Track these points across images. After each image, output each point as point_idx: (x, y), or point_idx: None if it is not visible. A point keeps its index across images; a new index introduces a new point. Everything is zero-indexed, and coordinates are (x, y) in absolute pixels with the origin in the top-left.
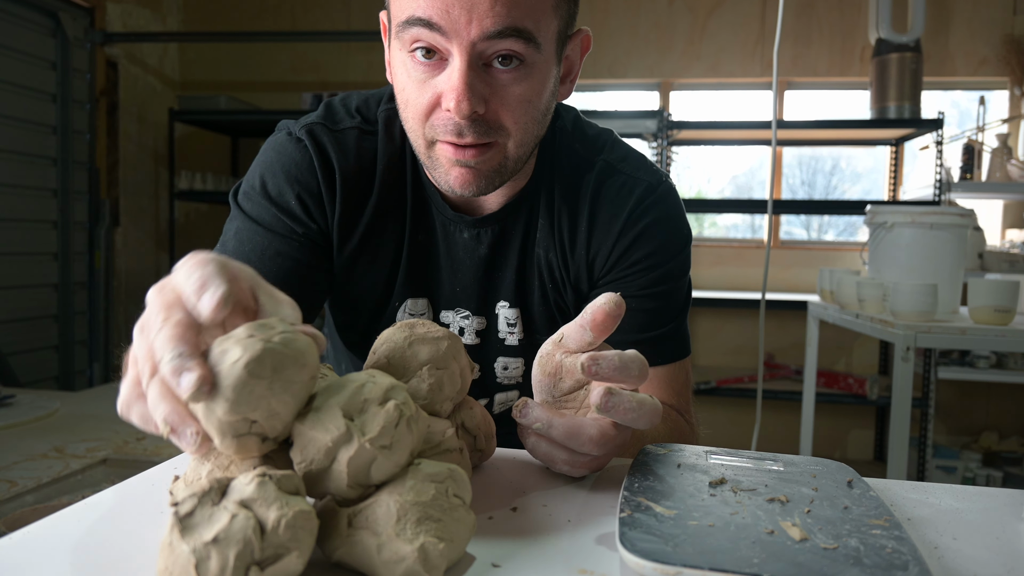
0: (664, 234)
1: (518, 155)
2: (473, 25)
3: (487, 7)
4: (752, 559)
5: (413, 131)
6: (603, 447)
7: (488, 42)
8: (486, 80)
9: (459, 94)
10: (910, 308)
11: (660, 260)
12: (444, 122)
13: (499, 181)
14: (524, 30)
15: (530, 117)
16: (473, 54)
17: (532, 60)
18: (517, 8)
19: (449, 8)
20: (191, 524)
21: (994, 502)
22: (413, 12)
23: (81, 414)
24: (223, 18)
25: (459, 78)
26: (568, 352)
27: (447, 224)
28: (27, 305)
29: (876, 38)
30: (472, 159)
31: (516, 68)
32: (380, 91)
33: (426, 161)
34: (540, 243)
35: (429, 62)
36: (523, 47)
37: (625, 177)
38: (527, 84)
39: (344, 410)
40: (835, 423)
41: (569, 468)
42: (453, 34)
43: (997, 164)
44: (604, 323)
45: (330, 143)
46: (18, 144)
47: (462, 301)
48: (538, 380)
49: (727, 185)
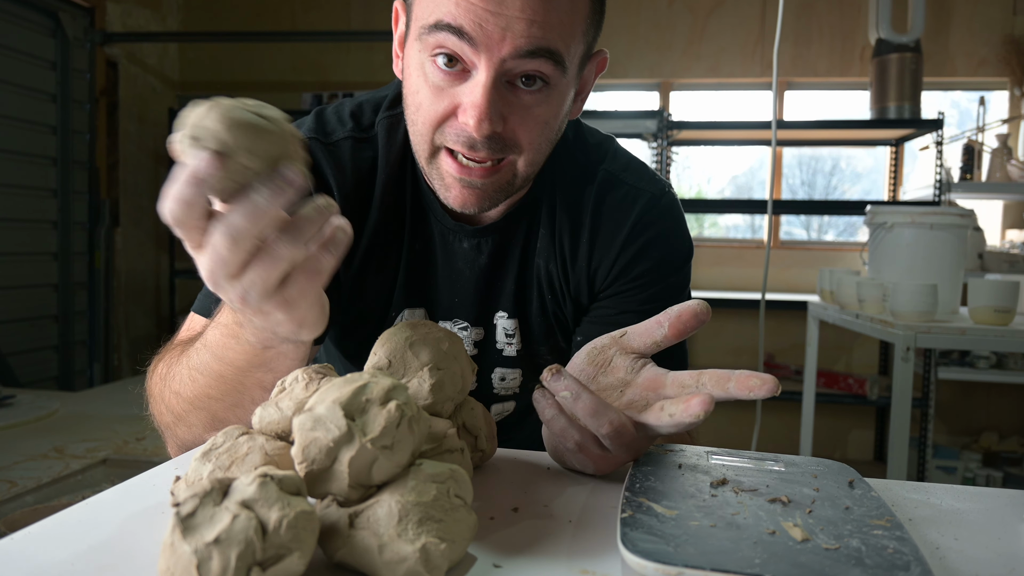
0: (666, 249)
1: (527, 173)
2: (506, 42)
3: (524, 26)
4: (754, 559)
5: (420, 135)
6: (616, 438)
7: (517, 61)
8: (507, 99)
9: (481, 112)
10: (910, 308)
11: (661, 275)
12: (457, 133)
13: (502, 199)
14: (555, 52)
15: (545, 138)
16: (500, 71)
17: (556, 82)
18: (552, 30)
19: (484, 21)
20: (193, 524)
21: (995, 503)
22: (442, 17)
23: (81, 414)
24: (223, 18)
25: (483, 95)
26: (625, 350)
27: (446, 234)
28: (27, 305)
29: (876, 38)
30: (478, 179)
31: (539, 89)
32: (378, 95)
33: (427, 169)
34: (540, 253)
35: (451, 71)
36: (551, 69)
37: (627, 188)
38: (548, 106)
39: (345, 410)
40: (835, 423)
41: (574, 452)
42: (483, 47)
43: (997, 164)
44: (688, 323)
45: (325, 160)
46: (18, 144)
47: (460, 312)
48: (580, 368)
49: (727, 185)
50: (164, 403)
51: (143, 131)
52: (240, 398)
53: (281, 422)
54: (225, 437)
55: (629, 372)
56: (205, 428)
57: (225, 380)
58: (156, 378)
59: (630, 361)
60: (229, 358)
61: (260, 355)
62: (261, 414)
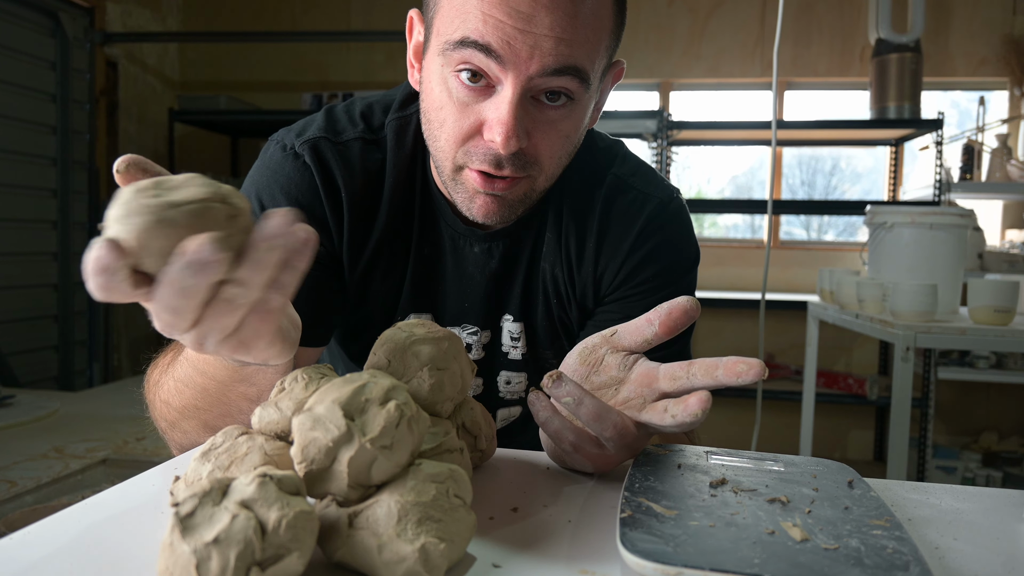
0: (673, 254)
1: (544, 187)
2: (534, 61)
3: (551, 45)
4: (753, 559)
5: (443, 151)
6: (619, 440)
7: (544, 79)
8: (532, 114)
9: (508, 129)
10: (910, 308)
11: (667, 280)
12: (483, 152)
13: (521, 210)
14: (581, 69)
15: (565, 151)
16: (527, 88)
17: (579, 97)
18: (579, 48)
19: (512, 39)
20: (192, 524)
21: (995, 502)
22: (469, 34)
23: (81, 414)
24: (223, 18)
25: (509, 112)
26: (616, 348)
27: (456, 238)
28: (27, 305)
29: (876, 38)
30: (501, 191)
31: (564, 105)
32: (388, 96)
33: (449, 183)
34: (546, 257)
35: (476, 86)
36: (576, 85)
37: (636, 193)
38: (571, 121)
39: (345, 410)
40: (835, 423)
41: (570, 452)
42: (511, 65)
43: (997, 164)
44: (678, 320)
45: (333, 159)
46: (18, 144)
47: (469, 316)
48: (572, 368)
49: (727, 185)
50: (157, 410)
51: (143, 131)
52: (227, 408)
53: (280, 422)
54: (224, 437)
55: (621, 369)
56: (199, 433)
57: (209, 393)
58: (151, 384)
59: (621, 359)
60: (210, 372)
61: (239, 371)
62: (260, 414)
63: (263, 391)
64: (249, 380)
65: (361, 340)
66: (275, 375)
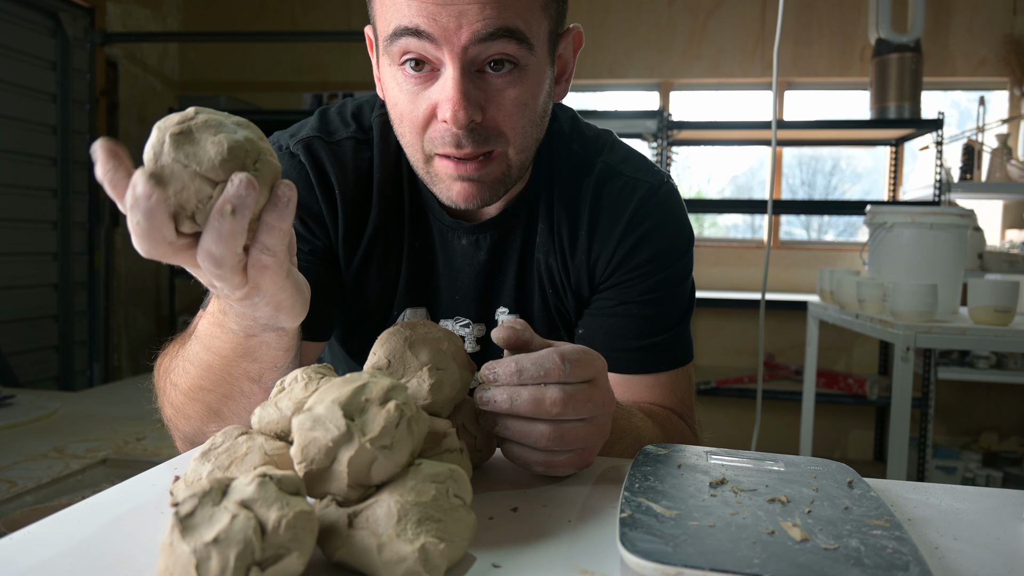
0: (665, 238)
1: (520, 161)
2: (464, 30)
3: (477, 10)
4: (753, 559)
5: (411, 146)
6: (567, 405)
7: (480, 46)
8: (481, 87)
9: (455, 103)
10: (910, 308)
11: (661, 264)
12: (442, 134)
13: (503, 190)
14: (516, 30)
15: (528, 120)
16: (465, 60)
17: (526, 62)
18: (507, 9)
19: (436, 15)
20: (192, 524)
21: (995, 502)
22: (399, 22)
23: (81, 414)
24: (223, 18)
25: (453, 87)
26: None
27: (445, 231)
28: (27, 305)
29: (876, 38)
30: (475, 172)
31: (510, 72)
32: (375, 94)
33: (425, 177)
34: (540, 248)
35: (420, 74)
36: (516, 49)
37: (626, 179)
38: (522, 87)
39: (345, 410)
40: (835, 423)
41: (545, 470)
42: (443, 41)
43: (997, 164)
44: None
45: (327, 158)
46: (18, 144)
47: (461, 309)
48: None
49: (727, 185)
50: (165, 395)
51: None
52: (230, 389)
53: (280, 422)
54: (224, 437)
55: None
56: (202, 420)
57: (214, 370)
58: (160, 371)
59: None
60: (216, 347)
61: (244, 343)
62: (260, 414)
63: (265, 369)
64: (252, 355)
65: (360, 336)
66: (278, 352)
